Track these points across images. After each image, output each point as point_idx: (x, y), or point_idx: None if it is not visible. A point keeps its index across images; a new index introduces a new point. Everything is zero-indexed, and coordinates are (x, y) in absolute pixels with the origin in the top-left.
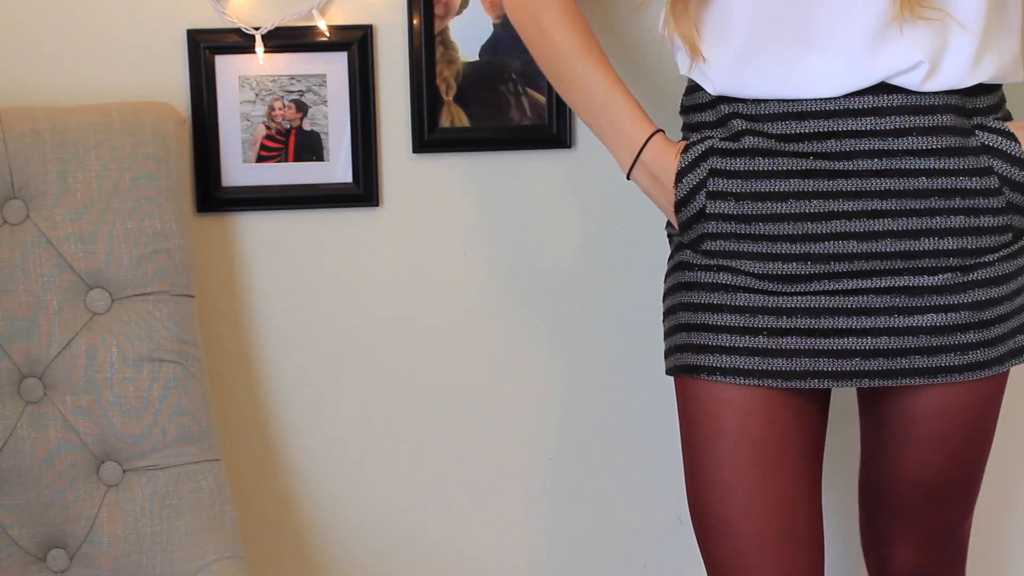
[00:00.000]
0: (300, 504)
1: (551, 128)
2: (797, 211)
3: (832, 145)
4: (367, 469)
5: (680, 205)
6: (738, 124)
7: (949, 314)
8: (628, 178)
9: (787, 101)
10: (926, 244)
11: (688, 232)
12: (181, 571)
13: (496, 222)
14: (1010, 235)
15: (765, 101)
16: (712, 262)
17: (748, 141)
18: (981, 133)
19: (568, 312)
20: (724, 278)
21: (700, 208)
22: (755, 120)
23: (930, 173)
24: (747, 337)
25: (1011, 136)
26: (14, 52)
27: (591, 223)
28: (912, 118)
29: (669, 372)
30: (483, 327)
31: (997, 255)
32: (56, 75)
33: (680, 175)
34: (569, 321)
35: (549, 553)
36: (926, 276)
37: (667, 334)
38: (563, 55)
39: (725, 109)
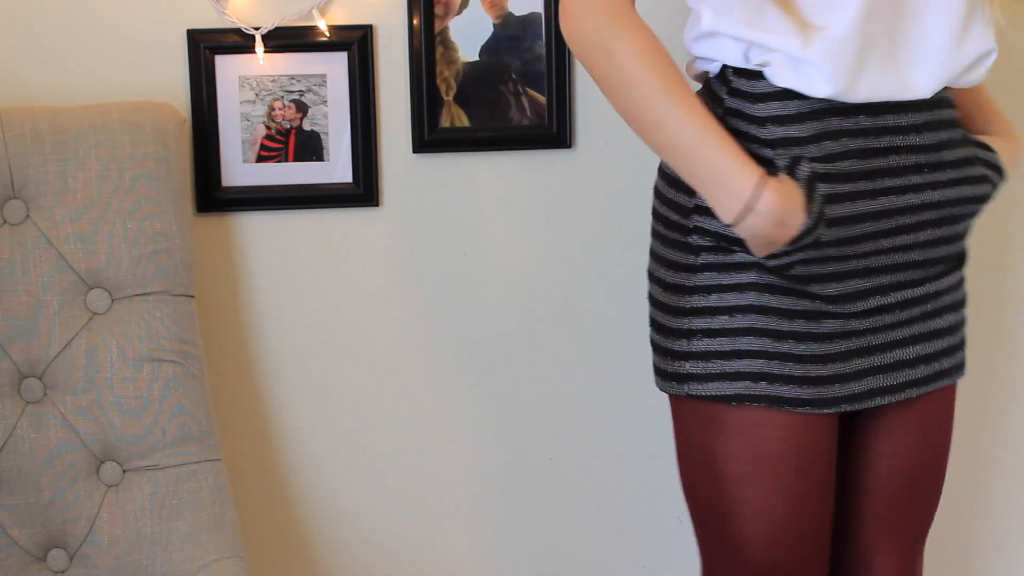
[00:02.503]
0: (300, 504)
1: (551, 128)
2: (879, 229)
3: (895, 160)
4: (367, 469)
5: (799, 239)
6: (831, 145)
7: (954, 313)
8: (732, 226)
9: (879, 114)
10: (940, 252)
11: (779, 259)
12: (181, 571)
13: (496, 222)
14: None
15: (862, 114)
16: (795, 287)
17: (843, 164)
18: (969, 145)
19: (568, 312)
20: (804, 304)
21: (817, 238)
22: (854, 136)
23: (956, 183)
24: (829, 365)
25: (990, 147)
26: (14, 52)
27: (591, 223)
28: (945, 132)
29: (730, 399)
30: (483, 327)
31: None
32: (56, 75)
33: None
34: (569, 321)
35: (549, 553)
36: (941, 279)
37: (722, 356)
38: (642, 94)
39: (822, 125)
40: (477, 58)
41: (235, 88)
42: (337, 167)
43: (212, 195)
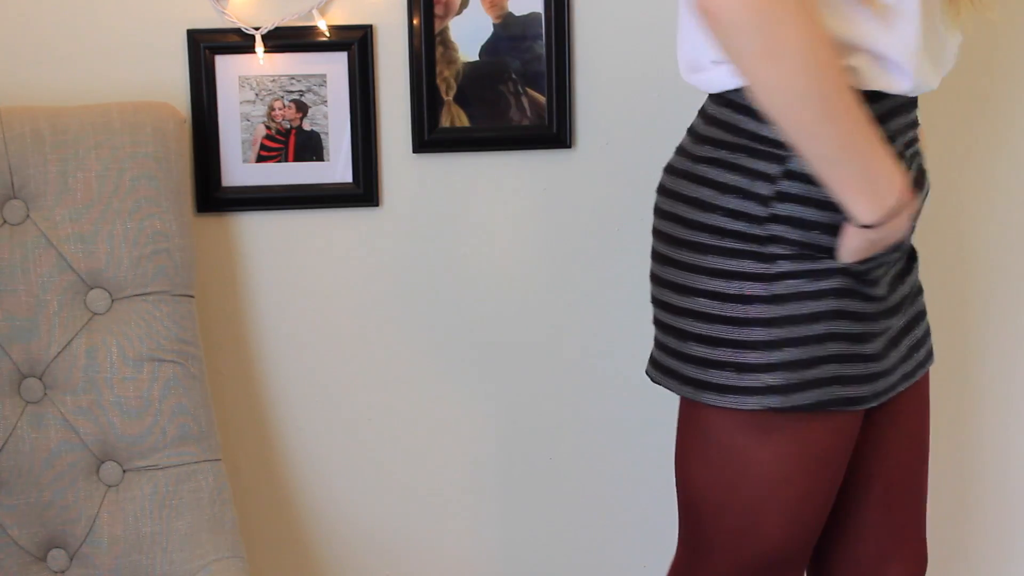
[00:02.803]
0: (300, 504)
1: (551, 128)
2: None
3: (905, 155)
4: (367, 469)
5: (899, 244)
6: (898, 144)
7: (922, 297)
8: (871, 226)
9: (911, 109)
10: (910, 241)
11: (868, 263)
12: (181, 571)
13: (496, 222)
14: None
15: (905, 110)
16: (863, 289)
17: (908, 160)
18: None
19: (568, 312)
20: (868, 306)
21: (902, 241)
22: (900, 133)
23: (923, 175)
24: (881, 361)
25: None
26: (14, 52)
27: (591, 223)
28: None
29: (813, 407)
30: (483, 327)
31: None
32: (56, 75)
33: None
34: (569, 320)
35: (549, 553)
36: (911, 266)
37: (805, 365)
38: (832, 76)
39: (889, 128)
40: (477, 58)
41: (235, 88)
42: (337, 167)
43: (212, 195)
